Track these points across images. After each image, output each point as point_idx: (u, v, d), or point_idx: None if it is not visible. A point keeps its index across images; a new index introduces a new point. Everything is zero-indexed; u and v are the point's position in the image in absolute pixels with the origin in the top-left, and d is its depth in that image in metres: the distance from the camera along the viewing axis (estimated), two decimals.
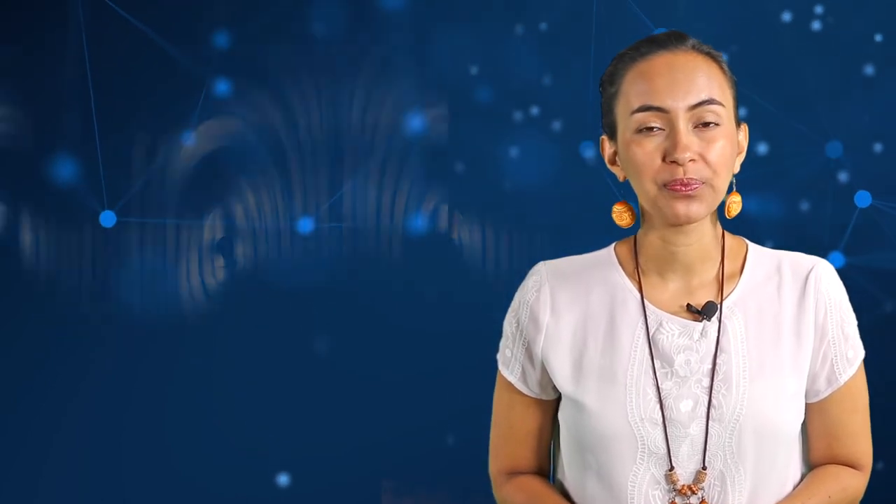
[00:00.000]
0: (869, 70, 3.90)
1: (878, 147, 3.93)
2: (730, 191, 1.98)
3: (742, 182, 2.01)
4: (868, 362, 2.05)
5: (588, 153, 3.99)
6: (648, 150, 1.93)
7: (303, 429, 4.08)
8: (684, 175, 1.91)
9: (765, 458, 1.95)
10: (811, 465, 2.04)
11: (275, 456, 4.09)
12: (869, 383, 2.05)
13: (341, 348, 4.10)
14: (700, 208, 1.92)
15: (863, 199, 3.89)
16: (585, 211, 3.76)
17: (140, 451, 4.12)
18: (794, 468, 2.01)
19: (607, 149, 2.02)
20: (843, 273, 2.06)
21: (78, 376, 4.12)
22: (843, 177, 3.93)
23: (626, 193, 2.02)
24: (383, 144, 4.06)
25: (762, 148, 3.92)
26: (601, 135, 2.03)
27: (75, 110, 4.06)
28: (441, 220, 4.07)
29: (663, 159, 1.92)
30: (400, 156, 4.07)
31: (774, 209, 3.95)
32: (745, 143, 2.02)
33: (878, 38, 3.89)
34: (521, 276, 2.09)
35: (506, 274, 4.02)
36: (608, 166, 2.03)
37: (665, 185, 1.92)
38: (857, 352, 2.02)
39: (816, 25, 3.91)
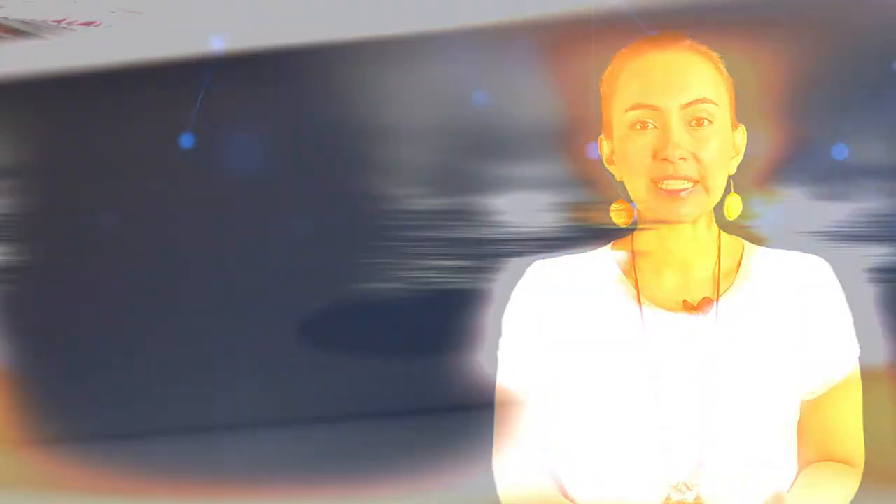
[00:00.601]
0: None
1: (881, 149, 3.93)
2: (727, 192, 1.98)
3: (743, 184, 2.01)
4: (872, 365, 2.05)
5: (588, 156, 3.99)
6: (640, 147, 1.94)
7: (301, 428, 4.08)
8: (675, 172, 1.92)
9: (761, 455, 1.95)
10: (805, 462, 2.03)
11: (273, 455, 4.09)
12: (869, 386, 2.05)
13: (340, 349, 4.10)
14: (690, 210, 1.94)
15: (867, 199, 3.89)
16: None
17: (140, 454, 4.12)
18: (791, 465, 2.01)
19: (605, 148, 2.03)
20: (846, 274, 2.06)
21: (77, 377, 4.12)
22: (846, 178, 3.93)
23: (626, 193, 2.03)
24: (383, 145, 4.07)
25: (764, 150, 3.92)
26: (600, 135, 2.05)
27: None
28: (440, 221, 4.07)
29: (654, 157, 1.93)
30: (399, 157, 4.08)
31: (777, 211, 3.95)
32: (742, 145, 2.02)
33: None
34: (520, 277, 2.10)
35: (505, 275, 4.01)
36: (606, 166, 2.04)
37: (655, 182, 1.93)
38: (852, 350, 2.02)
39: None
